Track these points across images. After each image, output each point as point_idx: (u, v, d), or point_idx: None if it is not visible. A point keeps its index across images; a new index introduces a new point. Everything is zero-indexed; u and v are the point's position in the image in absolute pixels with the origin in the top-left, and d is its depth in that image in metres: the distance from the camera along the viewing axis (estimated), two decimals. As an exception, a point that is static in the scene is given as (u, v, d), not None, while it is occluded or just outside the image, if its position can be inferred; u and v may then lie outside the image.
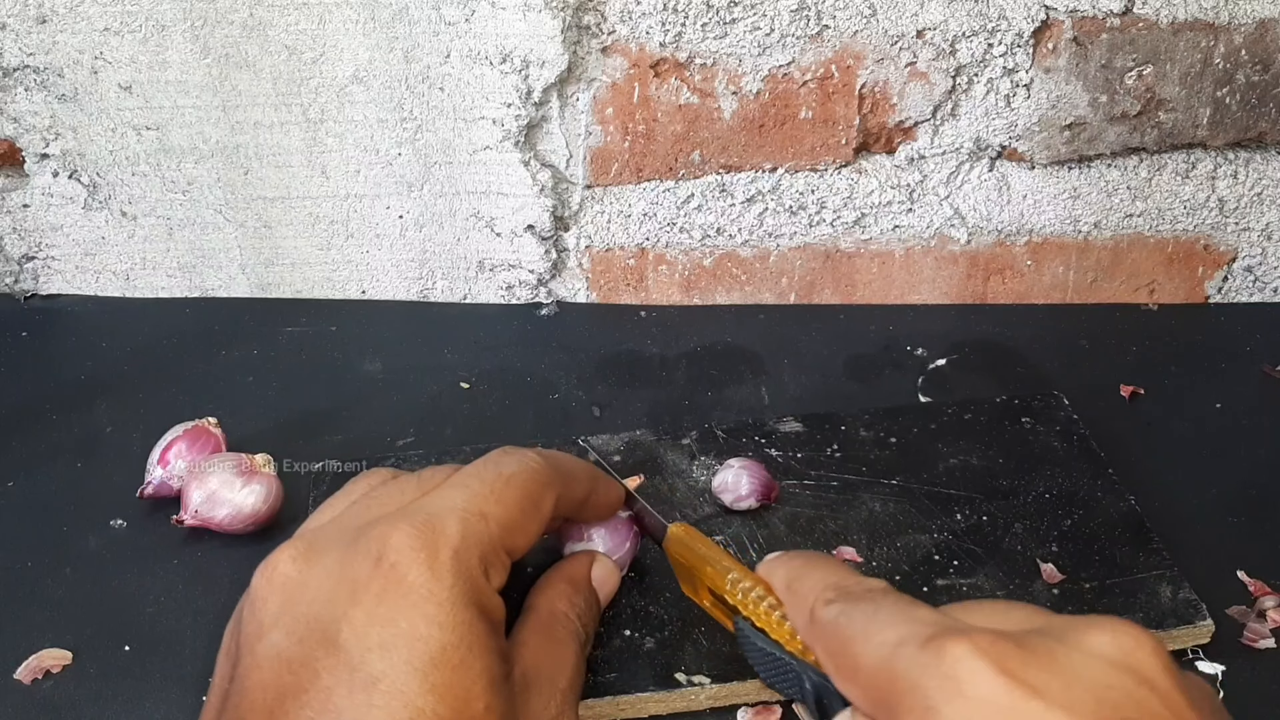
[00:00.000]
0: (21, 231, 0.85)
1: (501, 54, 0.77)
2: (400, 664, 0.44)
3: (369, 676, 0.44)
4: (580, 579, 0.57)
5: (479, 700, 0.45)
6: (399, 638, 0.44)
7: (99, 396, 0.79)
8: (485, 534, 0.48)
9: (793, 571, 0.47)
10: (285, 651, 0.45)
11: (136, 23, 0.76)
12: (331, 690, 0.44)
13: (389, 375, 0.82)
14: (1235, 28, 0.77)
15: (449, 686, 0.44)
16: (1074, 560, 0.63)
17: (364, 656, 0.44)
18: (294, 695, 0.44)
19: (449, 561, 0.46)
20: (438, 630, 0.45)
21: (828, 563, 0.48)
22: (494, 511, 0.49)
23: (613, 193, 0.84)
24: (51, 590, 0.66)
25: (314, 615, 0.45)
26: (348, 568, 0.46)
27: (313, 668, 0.44)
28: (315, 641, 0.45)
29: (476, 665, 0.45)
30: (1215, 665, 0.61)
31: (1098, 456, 0.70)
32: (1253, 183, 0.83)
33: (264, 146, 0.81)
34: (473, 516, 0.48)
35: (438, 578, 0.46)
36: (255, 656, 0.46)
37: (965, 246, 0.86)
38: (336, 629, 0.45)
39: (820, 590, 0.44)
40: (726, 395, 0.80)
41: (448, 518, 0.48)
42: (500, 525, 0.49)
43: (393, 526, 0.47)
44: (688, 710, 0.58)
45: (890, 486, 0.68)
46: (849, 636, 0.41)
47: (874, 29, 0.77)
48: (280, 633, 0.46)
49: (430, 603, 0.45)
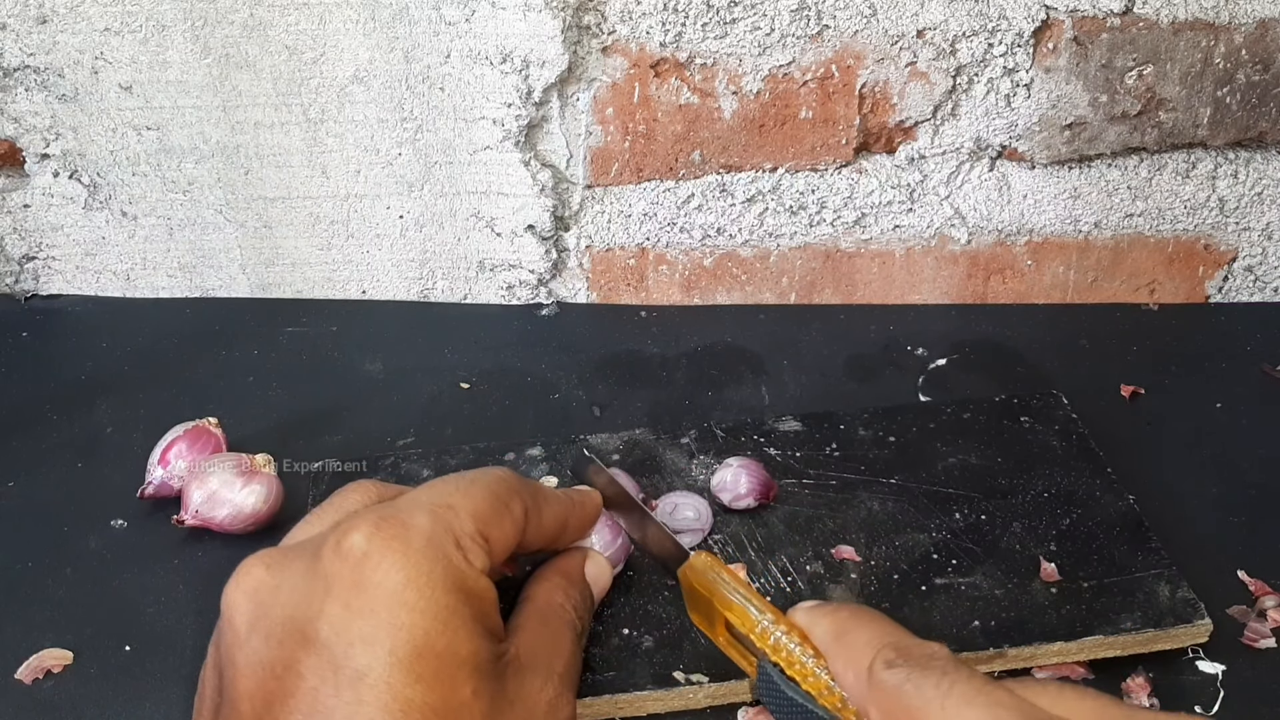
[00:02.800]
0: (22, 231, 0.85)
1: (502, 54, 0.77)
2: (384, 656, 0.44)
3: (354, 672, 0.43)
4: (575, 573, 0.57)
5: (466, 685, 0.45)
6: (380, 629, 0.44)
7: (99, 396, 0.79)
8: (455, 520, 0.48)
9: (840, 623, 0.46)
10: (266, 657, 0.45)
11: (137, 23, 0.76)
12: (318, 690, 0.44)
13: (389, 375, 0.82)
14: (1235, 27, 0.77)
15: (435, 674, 0.44)
16: (1072, 559, 0.63)
17: (346, 652, 0.44)
18: (281, 700, 0.44)
19: (423, 548, 0.46)
20: (419, 617, 0.45)
21: (878, 618, 0.46)
22: (462, 503, 0.49)
23: (613, 193, 0.84)
24: (52, 590, 0.66)
25: (290, 616, 0.45)
26: (320, 566, 0.46)
27: (296, 670, 0.44)
28: (295, 643, 0.45)
29: (462, 650, 0.45)
30: (1216, 665, 0.61)
31: (1096, 456, 0.70)
32: (1253, 182, 0.83)
33: (264, 146, 0.81)
34: (440, 508, 0.48)
35: (413, 564, 0.46)
36: (237, 667, 0.45)
37: (965, 246, 0.86)
38: (315, 627, 0.44)
39: (878, 648, 0.43)
40: (727, 395, 0.80)
41: (415, 511, 0.48)
42: (470, 514, 0.49)
43: (362, 522, 0.47)
44: (686, 709, 0.58)
45: (889, 485, 0.68)
46: (916, 708, 0.40)
47: (874, 29, 0.77)
48: (259, 638, 0.45)
49: (409, 589, 0.45)
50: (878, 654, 0.43)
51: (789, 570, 0.63)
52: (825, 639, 0.46)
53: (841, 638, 0.45)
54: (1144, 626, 0.59)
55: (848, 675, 0.44)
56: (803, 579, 0.63)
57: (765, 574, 0.63)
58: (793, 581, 0.62)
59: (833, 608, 0.47)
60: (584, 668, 0.58)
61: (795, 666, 0.46)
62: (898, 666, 0.42)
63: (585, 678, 0.57)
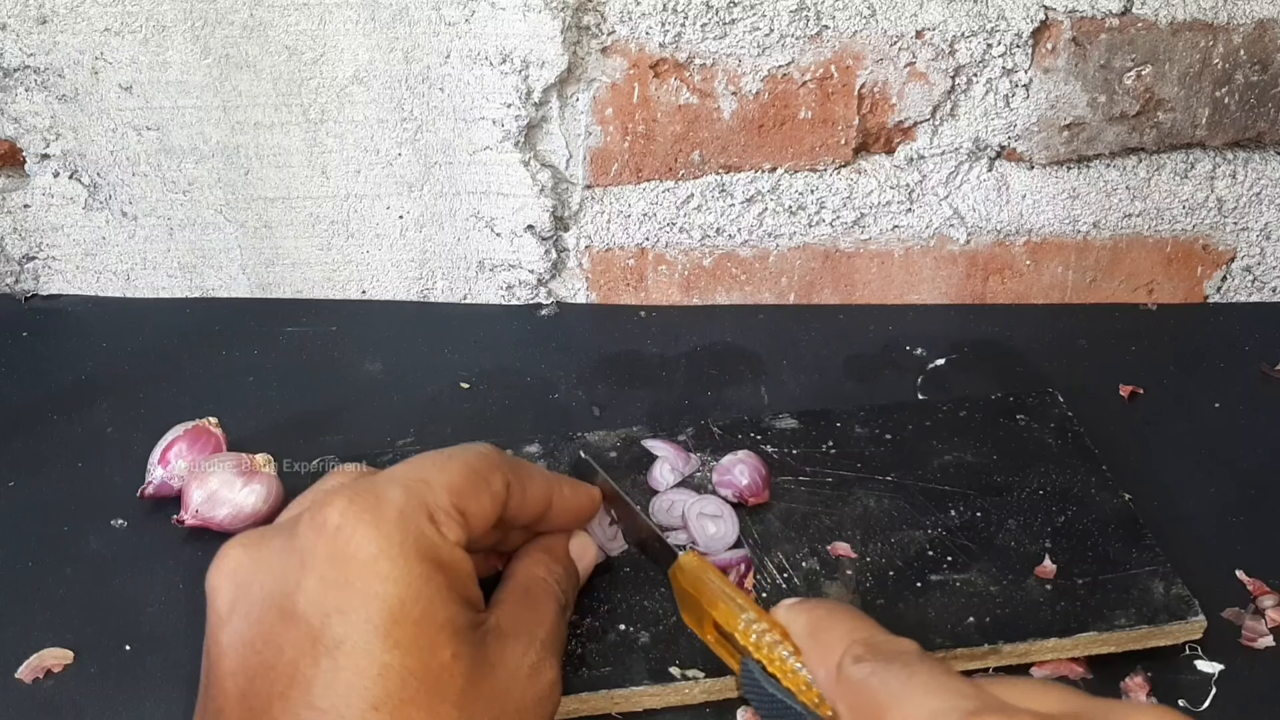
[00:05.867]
0: (22, 231, 0.86)
1: (501, 54, 0.77)
2: (360, 624, 0.44)
3: (332, 641, 0.44)
4: (558, 549, 0.58)
5: (445, 649, 0.46)
6: (355, 598, 0.45)
7: (99, 396, 0.79)
8: (429, 494, 0.49)
9: (816, 620, 0.46)
10: (246, 634, 0.46)
11: (137, 23, 0.76)
12: (297, 662, 0.44)
13: (389, 375, 0.82)
14: (1234, 28, 0.77)
15: (413, 640, 0.45)
16: (1067, 556, 0.63)
17: (324, 623, 0.44)
18: (262, 675, 0.44)
19: (395, 519, 0.47)
20: (393, 586, 0.45)
21: (853, 614, 0.47)
22: (437, 477, 0.50)
23: (613, 193, 0.84)
24: (52, 590, 0.66)
25: (269, 593, 0.46)
26: (296, 542, 0.47)
27: (276, 644, 0.45)
28: (274, 618, 0.45)
29: (439, 615, 0.46)
30: (1214, 664, 0.61)
31: (1091, 453, 0.70)
32: (1251, 182, 0.83)
33: (264, 146, 0.82)
34: (414, 482, 0.49)
35: (385, 535, 0.46)
36: (221, 647, 0.46)
37: (964, 246, 0.86)
38: (292, 601, 0.45)
39: (848, 644, 0.43)
40: (726, 395, 0.80)
41: (389, 485, 0.48)
42: (445, 488, 0.49)
43: (335, 497, 0.47)
44: (682, 704, 0.58)
45: (885, 483, 0.68)
46: (881, 699, 0.40)
47: (873, 29, 0.77)
48: (239, 617, 0.46)
49: (382, 559, 0.46)
50: (847, 650, 0.43)
51: (785, 567, 0.63)
52: (801, 635, 0.46)
53: (816, 634, 0.46)
54: (1138, 623, 0.59)
55: (820, 671, 0.45)
56: (799, 575, 0.63)
57: (762, 571, 0.63)
58: (789, 578, 0.62)
59: (811, 605, 0.48)
60: (580, 663, 0.58)
61: (775, 663, 0.47)
62: (864, 661, 0.42)
63: (582, 673, 0.58)
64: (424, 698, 0.45)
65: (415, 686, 0.44)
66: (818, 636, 0.45)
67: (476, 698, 0.46)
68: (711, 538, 0.64)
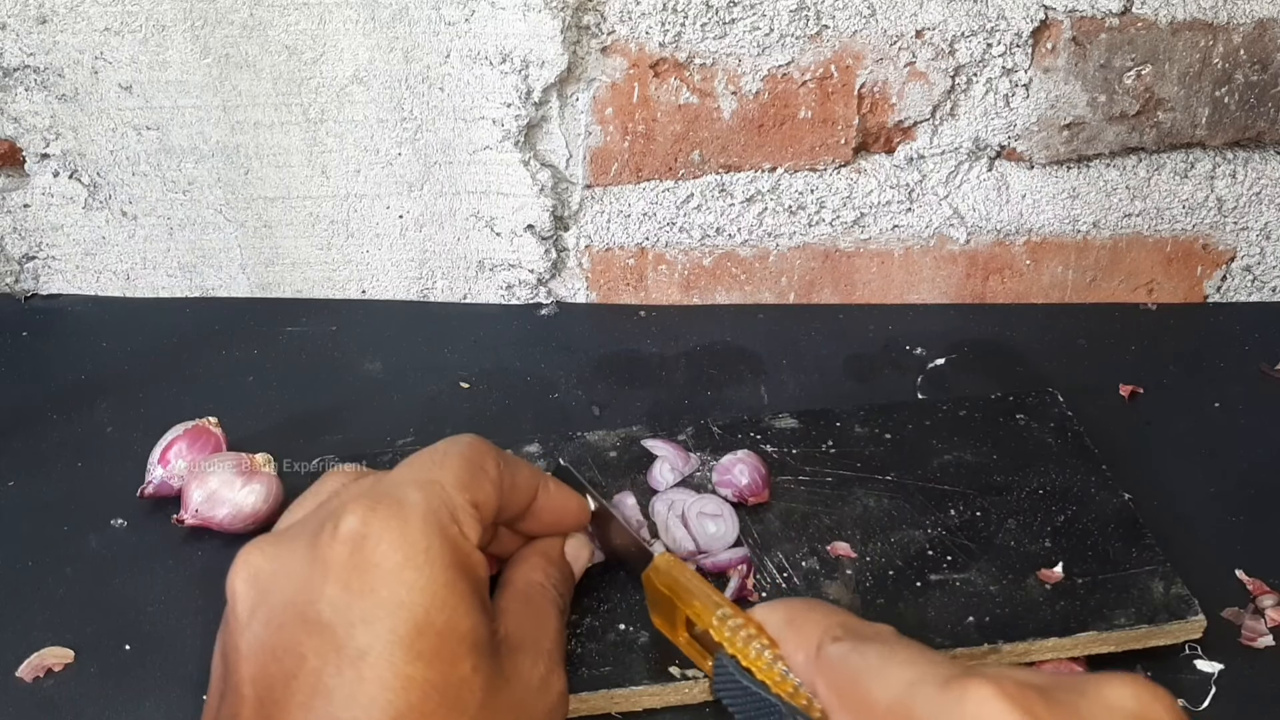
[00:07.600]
0: (22, 231, 0.86)
1: (501, 54, 0.77)
2: (385, 634, 0.44)
3: (356, 651, 0.44)
4: (553, 552, 0.58)
5: (465, 662, 0.46)
6: (380, 608, 0.45)
7: (99, 396, 0.79)
8: (444, 494, 0.49)
9: (794, 612, 0.47)
10: (268, 641, 0.45)
11: (136, 23, 0.76)
12: (320, 671, 0.44)
13: (389, 375, 0.82)
14: (1234, 27, 0.77)
15: (436, 652, 0.45)
16: (1067, 556, 0.63)
17: (348, 632, 0.44)
18: (283, 683, 0.44)
19: (420, 525, 0.47)
20: (419, 595, 0.45)
21: (829, 606, 0.48)
22: (444, 475, 0.50)
23: (612, 193, 0.84)
24: (52, 589, 0.66)
25: (290, 600, 0.46)
26: (318, 550, 0.47)
27: (297, 652, 0.44)
28: (296, 626, 0.45)
29: (461, 626, 0.46)
30: (1214, 664, 0.61)
31: (1091, 453, 0.70)
32: (1251, 182, 0.83)
33: (264, 146, 0.82)
34: (426, 483, 0.49)
35: (411, 542, 0.46)
36: (240, 652, 0.46)
37: (964, 246, 0.86)
38: (316, 610, 0.45)
39: (827, 627, 0.45)
40: (726, 395, 0.80)
41: (405, 489, 0.48)
42: (455, 485, 0.50)
43: (357, 505, 0.47)
44: (681, 704, 0.58)
45: (884, 482, 0.68)
46: (860, 673, 0.41)
47: (873, 29, 0.77)
48: (259, 623, 0.46)
49: (408, 568, 0.46)
50: (825, 631, 0.44)
51: (785, 566, 0.63)
52: (778, 626, 0.48)
53: (793, 623, 0.47)
54: (1138, 622, 0.59)
55: (798, 656, 0.46)
56: (799, 575, 0.63)
57: (762, 570, 0.63)
58: (789, 578, 0.63)
59: (787, 600, 0.49)
60: (580, 663, 0.58)
61: (750, 657, 0.48)
62: (843, 641, 0.43)
63: (581, 673, 0.58)
64: (444, 711, 0.45)
65: (436, 700, 0.44)
66: (795, 625, 0.47)
67: (494, 711, 0.47)
68: (711, 537, 0.64)
